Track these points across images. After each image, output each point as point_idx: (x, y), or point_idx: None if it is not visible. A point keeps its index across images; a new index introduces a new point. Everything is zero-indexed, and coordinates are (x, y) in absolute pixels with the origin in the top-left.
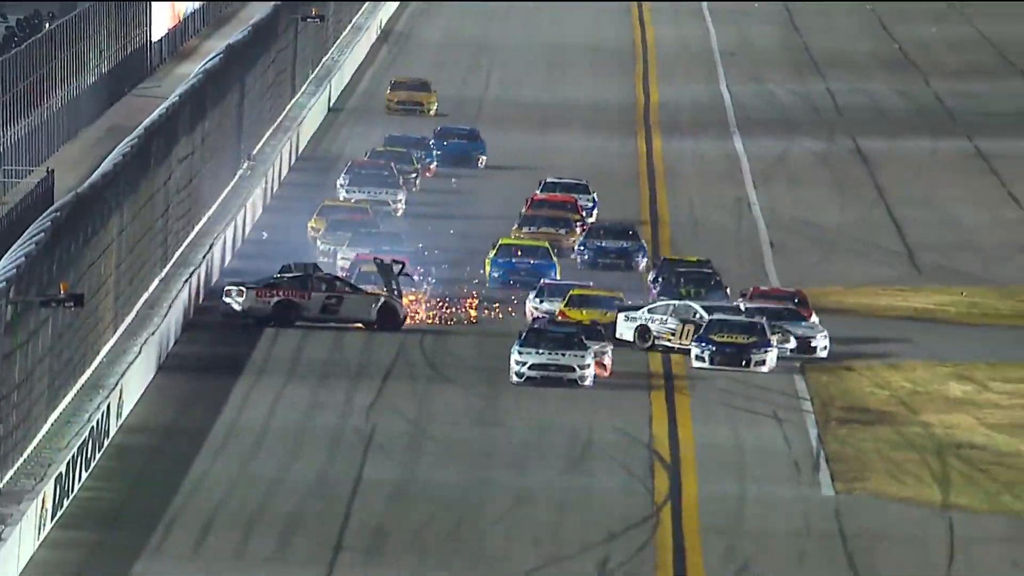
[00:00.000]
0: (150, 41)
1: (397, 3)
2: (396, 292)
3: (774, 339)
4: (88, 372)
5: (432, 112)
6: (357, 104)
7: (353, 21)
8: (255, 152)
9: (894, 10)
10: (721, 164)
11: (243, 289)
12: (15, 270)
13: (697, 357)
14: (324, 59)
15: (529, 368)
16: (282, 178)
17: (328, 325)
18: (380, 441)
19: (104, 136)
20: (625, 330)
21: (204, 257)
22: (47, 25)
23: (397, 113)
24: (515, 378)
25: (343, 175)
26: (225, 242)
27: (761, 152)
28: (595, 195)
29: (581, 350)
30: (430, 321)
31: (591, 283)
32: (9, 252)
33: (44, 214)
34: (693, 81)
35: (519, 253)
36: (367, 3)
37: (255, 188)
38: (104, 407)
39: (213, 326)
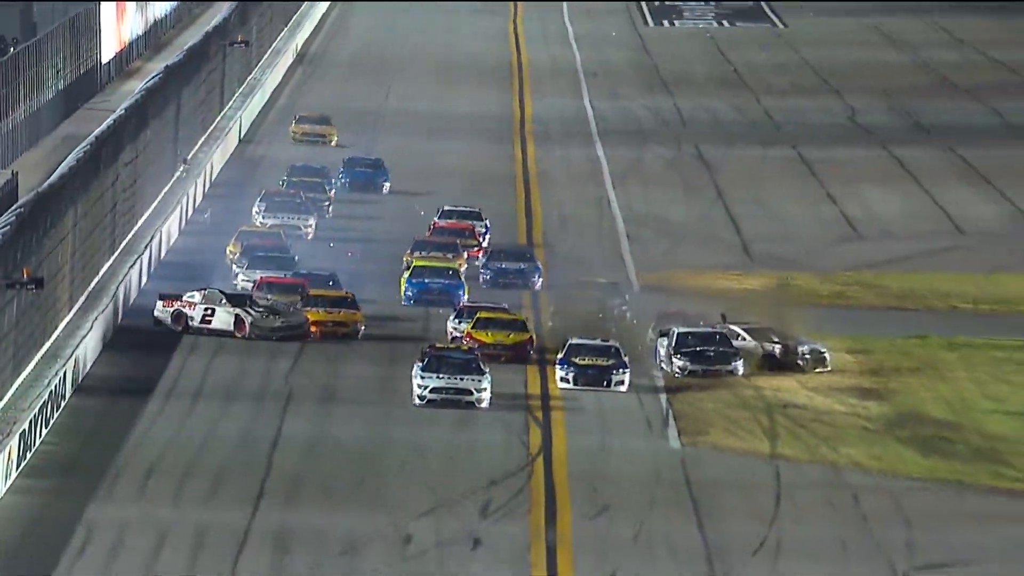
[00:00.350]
0: (100, 63)
1: (312, 29)
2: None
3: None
4: (47, 344)
5: (334, 143)
6: (268, 133)
7: (273, 45)
8: (189, 157)
9: (729, 37)
10: (585, 167)
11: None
12: None
13: (562, 379)
14: (248, 78)
15: (430, 392)
16: (199, 201)
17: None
18: (297, 401)
19: (61, 144)
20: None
21: (146, 246)
22: (11, 49)
23: (302, 144)
24: (417, 400)
25: (258, 202)
26: (162, 238)
27: (618, 157)
28: (487, 221)
29: (479, 375)
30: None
31: (505, 305)
32: None
33: (9, 210)
34: (561, 96)
35: (431, 274)
36: (285, 29)
37: (188, 189)
38: (61, 374)
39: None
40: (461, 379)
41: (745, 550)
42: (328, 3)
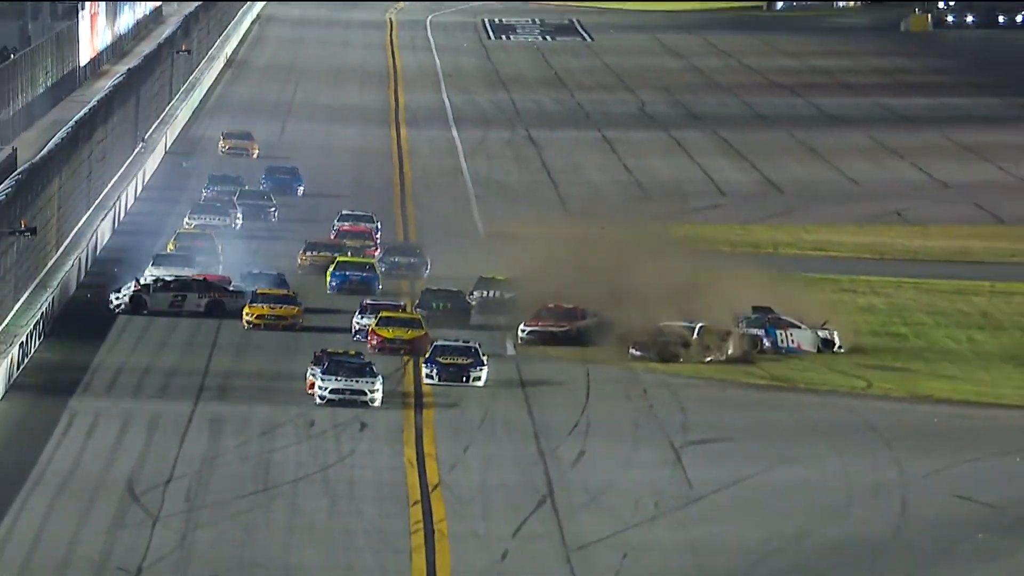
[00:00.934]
0: (79, 66)
1: (238, 40)
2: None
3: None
4: (39, 277)
5: (255, 156)
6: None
7: (209, 52)
8: (146, 136)
9: (551, 48)
10: (443, 145)
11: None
12: None
13: (427, 376)
14: (189, 78)
15: (330, 392)
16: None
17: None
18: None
19: (50, 126)
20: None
21: (112, 205)
22: (11, 56)
23: (228, 156)
24: (318, 400)
25: (189, 213)
26: (123, 199)
27: (468, 138)
28: (379, 223)
29: (372, 377)
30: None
31: (403, 303)
32: None
33: (10, 176)
34: (425, 92)
35: (351, 268)
36: (218, 40)
37: (144, 166)
38: (50, 299)
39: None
40: (357, 381)
41: (563, 430)
42: (251, 19)
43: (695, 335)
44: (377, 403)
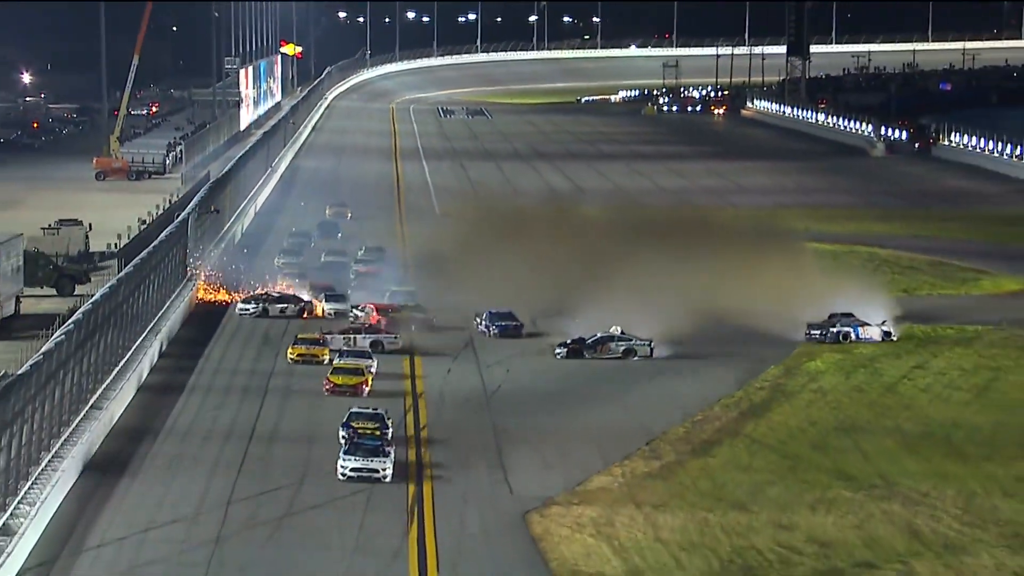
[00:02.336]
0: (239, 130)
1: (321, 113)
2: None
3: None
4: (220, 233)
5: (348, 217)
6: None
7: (304, 121)
8: (272, 164)
9: (472, 121)
10: (417, 169)
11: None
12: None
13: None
14: (293, 135)
15: (350, 471)
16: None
17: None
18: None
19: (225, 161)
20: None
21: (254, 198)
22: (207, 125)
23: (332, 217)
24: (340, 477)
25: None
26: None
27: (430, 165)
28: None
29: (384, 457)
30: None
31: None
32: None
33: (207, 184)
34: (409, 142)
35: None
36: (308, 115)
37: (271, 181)
38: (226, 243)
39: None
40: (372, 460)
41: None
42: (325, 105)
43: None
44: (388, 479)
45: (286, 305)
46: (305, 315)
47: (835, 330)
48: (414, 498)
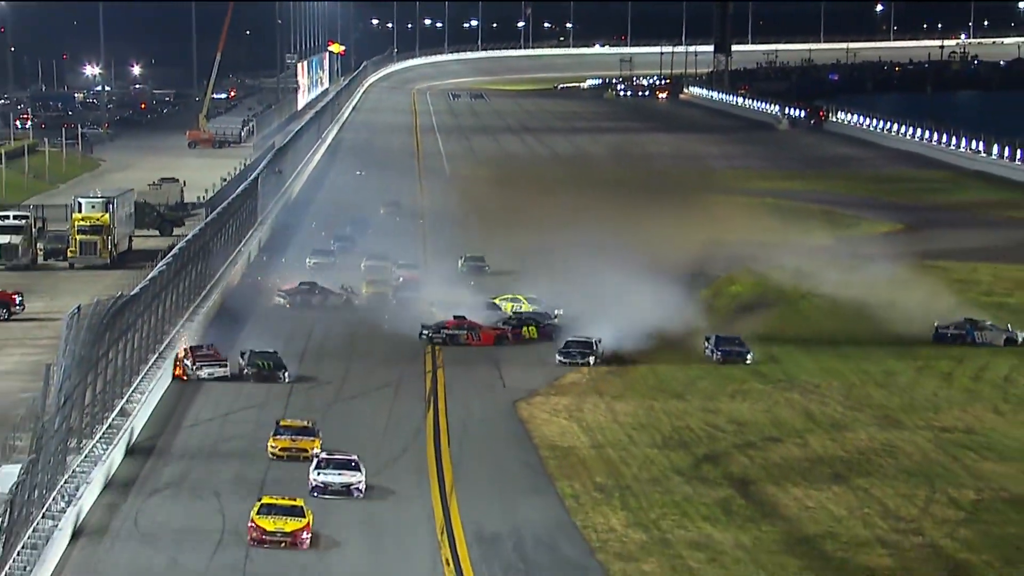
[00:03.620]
0: (297, 110)
1: (360, 95)
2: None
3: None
4: (281, 193)
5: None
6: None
7: (347, 103)
8: (322, 135)
9: (474, 103)
10: (432, 141)
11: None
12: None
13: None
14: (338, 115)
15: (321, 483)
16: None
17: None
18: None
19: (285, 135)
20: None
21: (307, 162)
22: (271, 106)
23: (386, 215)
24: (314, 493)
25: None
26: None
27: (442, 137)
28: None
29: (357, 471)
30: None
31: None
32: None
33: (273, 151)
34: (426, 120)
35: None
36: (350, 97)
37: (321, 148)
38: (283, 202)
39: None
40: (343, 474)
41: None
42: (362, 90)
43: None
44: (360, 493)
45: (325, 295)
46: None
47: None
48: (430, 391)
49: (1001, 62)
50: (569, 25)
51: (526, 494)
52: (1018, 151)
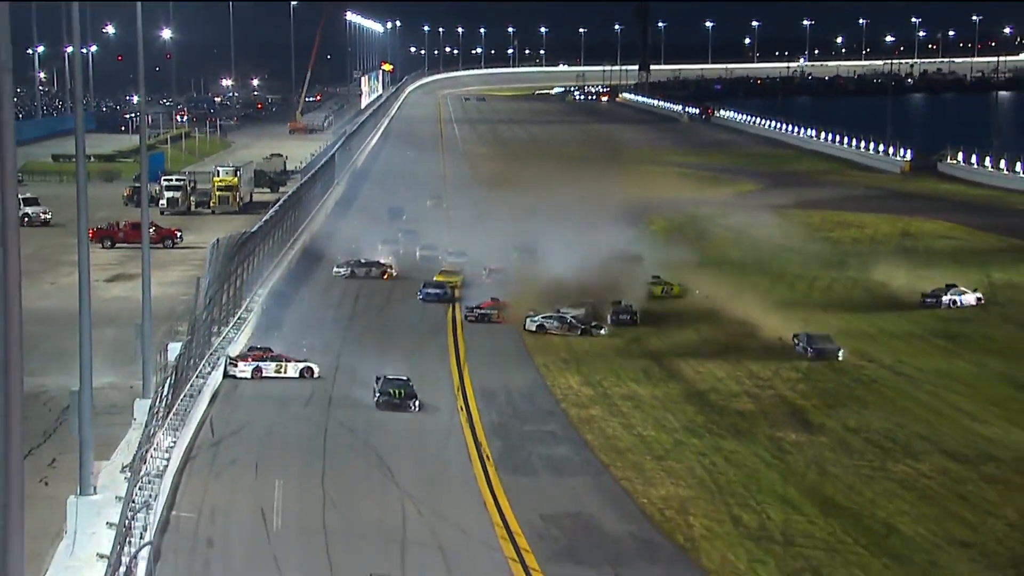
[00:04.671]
0: (360, 108)
1: (403, 97)
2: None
3: None
4: (349, 164)
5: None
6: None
7: (395, 104)
8: (376, 126)
9: (481, 104)
10: (451, 129)
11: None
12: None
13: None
14: (388, 111)
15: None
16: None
17: None
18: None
19: (352, 125)
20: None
21: (366, 147)
22: (343, 106)
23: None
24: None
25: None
26: None
27: (458, 127)
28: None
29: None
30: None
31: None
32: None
33: (343, 136)
34: (448, 115)
35: (433, 286)
36: (396, 100)
37: (376, 134)
38: (350, 171)
39: None
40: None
41: None
42: (405, 95)
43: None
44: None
45: (370, 268)
46: (385, 276)
47: (946, 298)
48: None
49: (826, 77)
50: (542, 51)
51: (513, 366)
52: (836, 135)
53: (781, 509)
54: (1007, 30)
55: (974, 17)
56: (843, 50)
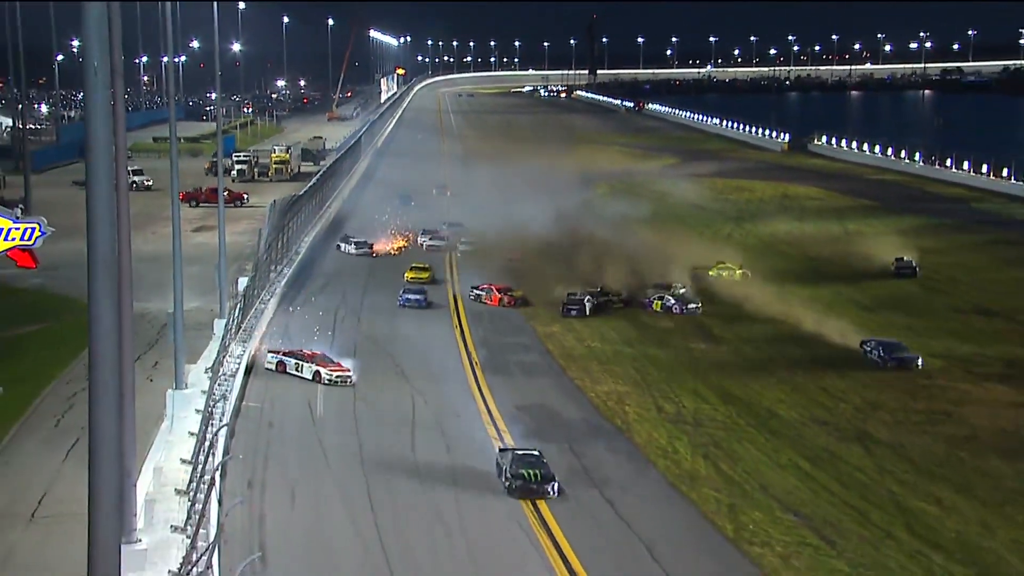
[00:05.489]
0: (380, 102)
1: (412, 95)
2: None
3: None
4: (374, 143)
5: (448, 193)
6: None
7: (406, 99)
8: (393, 116)
9: (472, 100)
10: (447, 119)
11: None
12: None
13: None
14: (400, 106)
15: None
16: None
17: None
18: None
19: (373, 114)
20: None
21: (383, 132)
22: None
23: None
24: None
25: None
26: None
27: (454, 117)
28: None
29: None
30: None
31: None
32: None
33: (367, 125)
34: (446, 107)
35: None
36: (407, 95)
37: (392, 122)
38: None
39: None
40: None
41: None
42: (413, 92)
43: None
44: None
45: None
46: (373, 254)
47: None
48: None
49: (727, 79)
50: (516, 59)
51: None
52: (734, 123)
53: (692, 400)
54: (856, 46)
55: (833, 37)
56: (740, 59)
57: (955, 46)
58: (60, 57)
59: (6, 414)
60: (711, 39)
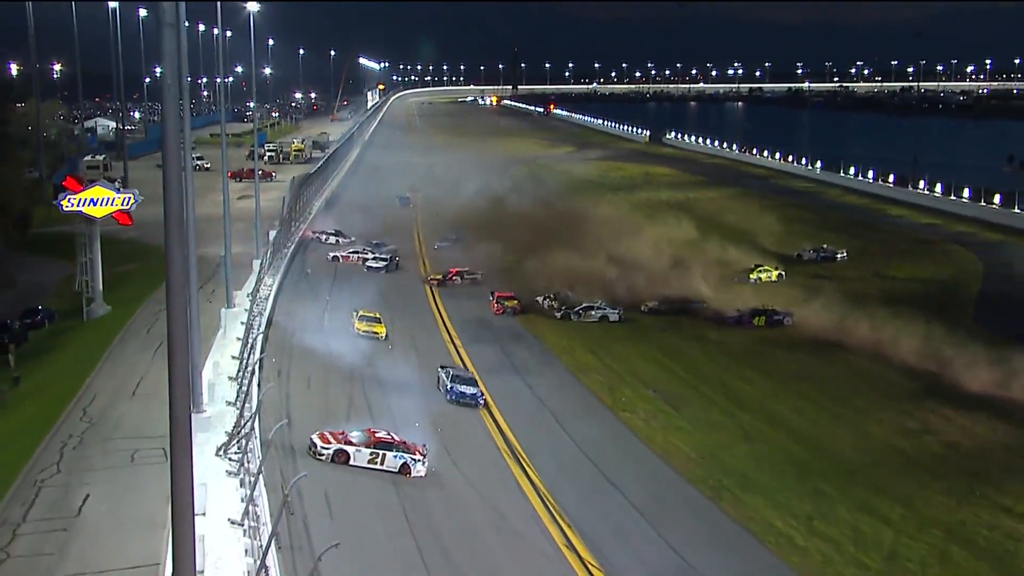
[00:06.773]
0: (368, 107)
1: (390, 101)
2: None
3: None
4: (366, 134)
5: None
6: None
7: (384, 104)
8: (376, 117)
9: (456, 105)
10: (419, 123)
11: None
12: (358, 127)
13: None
14: (380, 109)
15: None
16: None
17: None
18: None
19: (362, 116)
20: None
21: (366, 129)
22: (348, 103)
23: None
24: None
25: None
26: None
27: (423, 120)
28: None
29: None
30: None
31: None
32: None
33: (359, 123)
34: (421, 109)
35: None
36: (386, 101)
37: (373, 125)
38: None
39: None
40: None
41: None
42: (393, 97)
43: None
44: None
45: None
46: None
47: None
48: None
49: (608, 92)
50: (461, 77)
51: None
52: (612, 123)
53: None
54: (694, 71)
55: (678, 64)
56: (615, 79)
57: (757, 72)
58: (147, 80)
59: (113, 326)
60: (596, 64)
